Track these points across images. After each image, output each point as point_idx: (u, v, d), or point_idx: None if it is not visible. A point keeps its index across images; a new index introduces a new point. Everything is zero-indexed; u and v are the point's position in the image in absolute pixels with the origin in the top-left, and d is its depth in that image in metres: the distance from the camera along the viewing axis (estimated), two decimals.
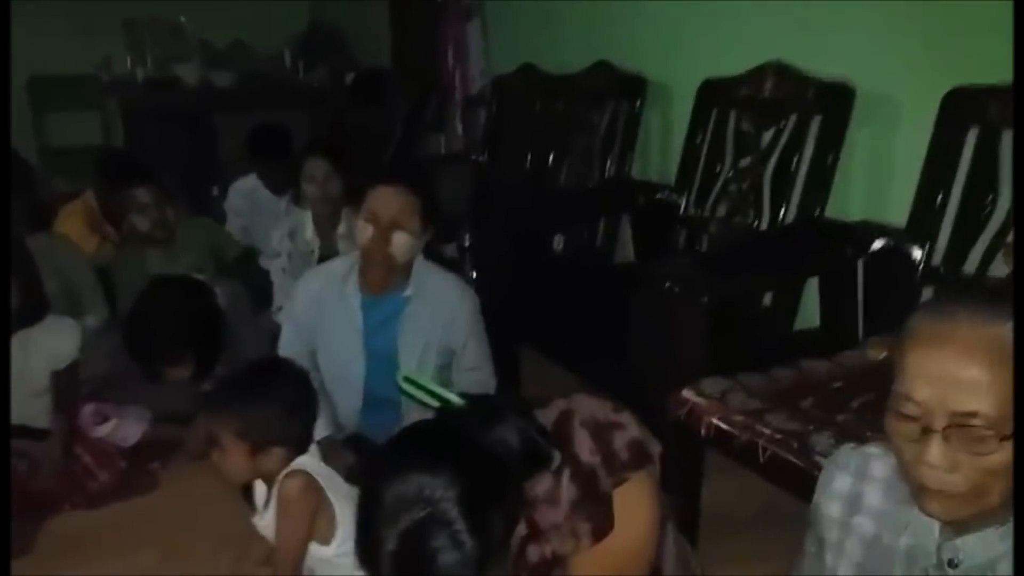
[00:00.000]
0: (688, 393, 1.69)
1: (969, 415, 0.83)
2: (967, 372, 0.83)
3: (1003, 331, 0.84)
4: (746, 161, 2.36)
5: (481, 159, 3.73)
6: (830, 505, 1.05)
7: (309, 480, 1.55)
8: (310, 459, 1.60)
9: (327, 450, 1.72)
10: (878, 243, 2.02)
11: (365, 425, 2.12)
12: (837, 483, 1.05)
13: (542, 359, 2.54)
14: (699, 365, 1.74)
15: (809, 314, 2.21)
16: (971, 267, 1.86)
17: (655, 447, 1.17)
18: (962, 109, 1.87)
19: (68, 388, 2.30)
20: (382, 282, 2.04)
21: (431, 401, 1.14)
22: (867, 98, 2.15)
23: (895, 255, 1.97)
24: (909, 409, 0.87)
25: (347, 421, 2.14)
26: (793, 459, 1.46)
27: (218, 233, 3.21)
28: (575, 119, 3.09)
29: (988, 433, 0.83)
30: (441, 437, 1.05)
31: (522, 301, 2.46)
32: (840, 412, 1.61)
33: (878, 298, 2.04)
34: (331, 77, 5.03)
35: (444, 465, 0.98)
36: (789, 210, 2.21)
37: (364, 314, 2.05)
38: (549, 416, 1.18)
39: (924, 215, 1.93)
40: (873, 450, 1.04)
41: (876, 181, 2.20)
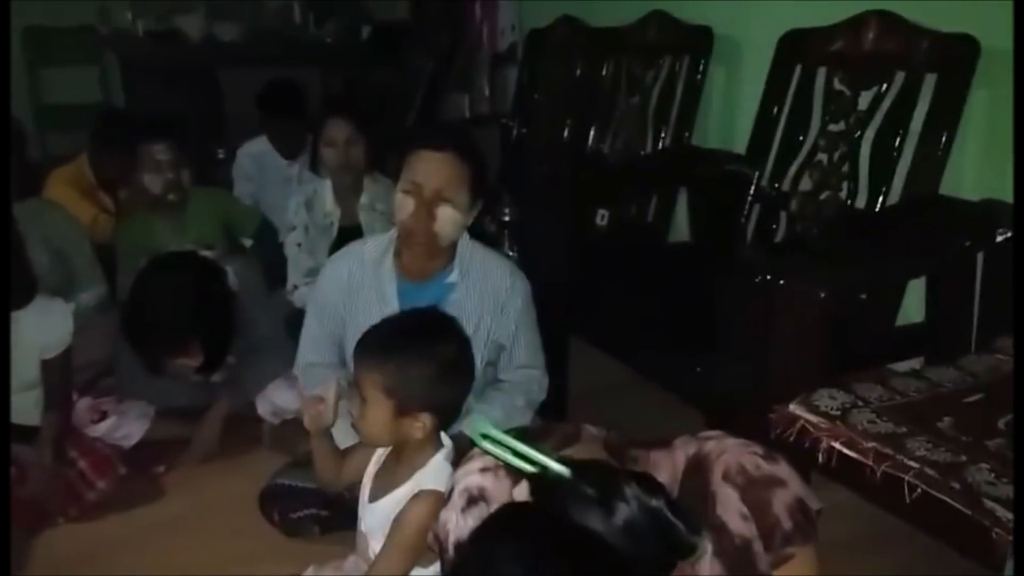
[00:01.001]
0: (798, 408, 1.40)
1: None
2: None
3: None
4: (838, 126, 2.04)
5: (512, 124, 3.40)
6: None
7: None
8: (444, 471, 1.36)
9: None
10: (1001, 232, 1.71)
11: None
12: None
13: (591, 350, 2.26)
14: (810, 374, 1.46)
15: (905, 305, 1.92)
16: None
17: (815, 504, 0.89)
18: None
19: (60, 380, 2.01)
20: (423, 265, 1.75)
21: (518, 463, 0.85)
22: (987, 55, 1.83)
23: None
24: None
25: None
26: (952, 502, 1.18)
27: (233, 204, 2.90)
28: (625, 79, 2.76)
29: None
30: (548, 530, 0.76)
31: (570, 285, 2.16)
32: (989, 435, 1.33)
33: (997, 291, 1.75)
34: (344, 31, 4.66)
35: (555, 570, 0.70)
36: (892, 186, 1.91)
37: (401, 302, 1.76)
38: (674, 463, 0.90)
39: None
40: None
41: (993, 154, 1.89)
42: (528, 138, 3.28)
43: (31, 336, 1.94)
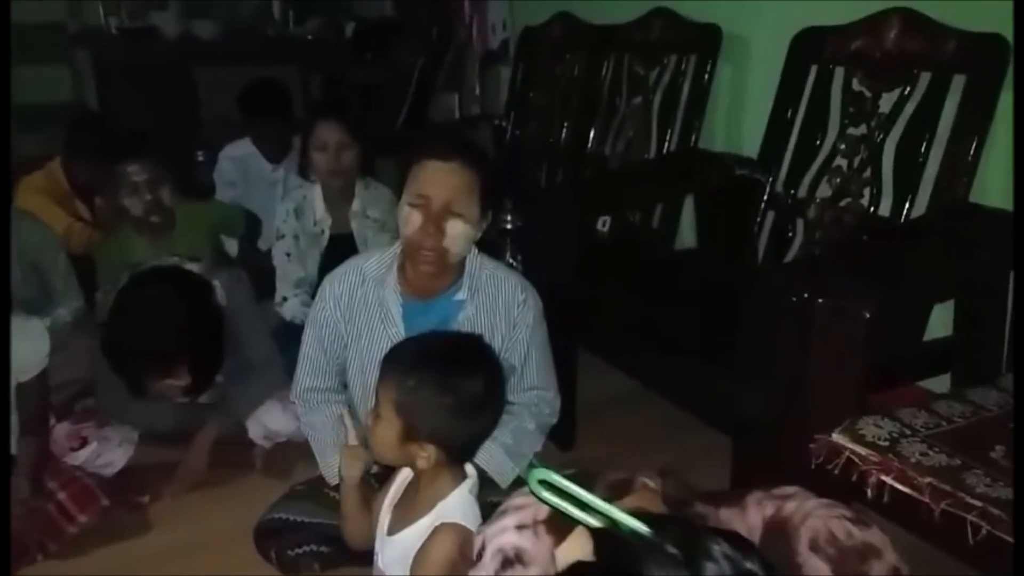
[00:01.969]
0: (842, 438, 1.31)
1: None
2: None
3: None
4: (859, 130, 1.95)
5: (505, 125, 3.29)
6: None
7: (468, 539, 1.22)
8: (468, 503, 1.28)
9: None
10: None
11: None
12: None
13: (594, 361, 2.16)
14: (849, 399, 1.36)
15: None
16: None
17: (906, 571, 0.79)
18: None
19: (37, 404, 1.87)
20: (430, 283, 1.63)
21: (582, 516, 0.75)
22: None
23: None
24: None
25: None
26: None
27: (219, 212, 2.77)
28: (626, 79, 2.66)
29: None
30: None
31: (577, 295, 2.06)
32: None
33: None
34: (326, 29, 4.52)
35: None
36: (919, 193, 1.82)
37: (406, 323, 1.64)
38: (748, 525, 0.79)
39: None
40: None
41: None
42: (523, 140, 3.17)
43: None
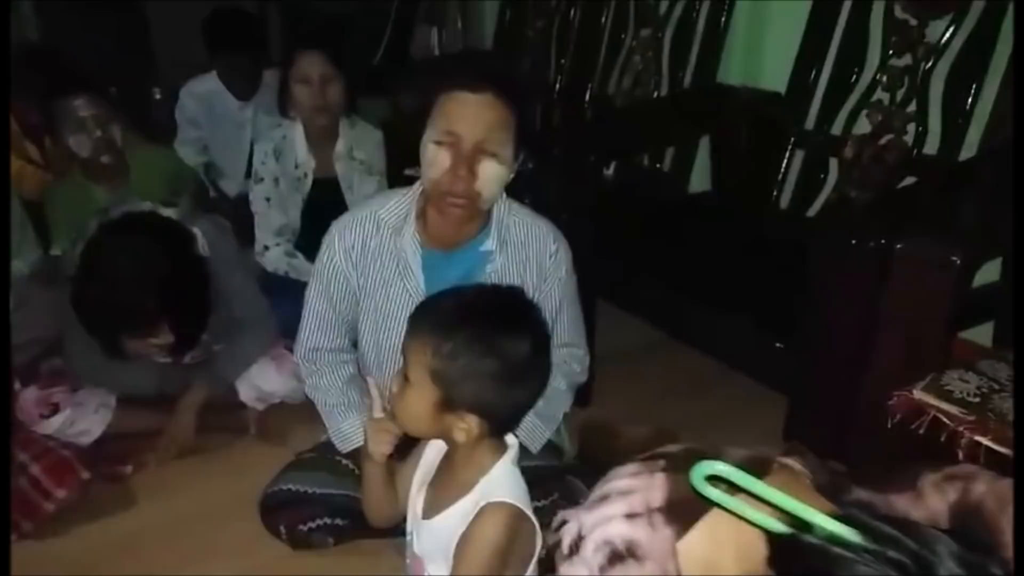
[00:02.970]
0: (926, 395, 1.20)
1: None
2: None
3: None
4: (903, 61, 1.81)
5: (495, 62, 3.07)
6: None
7: (519, 519, 1.10)
8: (514, 477, 1.13)
9: None
10: None
11: None
12: None
13: (611, 311, 2.03)
14: (930, 355, 1.25)
15: None
16: None
17: None
18: None
19: None
20: (455, 231, 1.45)
21: (761, 518, 0.60)
22: None
23: None
24: None
25: None
26: None
27: (178, 165, 2.53)
28: (634, 9, 2.47)
29: None
30: None
31: (595, 243, 1.90)
32: None
33: None
34: None
35: None
36: (968, 128, 1.70)
37: (427, 276, 1.47)
38: (931, 513, 0.66)
39: None
40: None
41: None
42: (515, 78, 2.96)
43: None
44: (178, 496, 1.72)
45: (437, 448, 1.22)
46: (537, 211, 2.04)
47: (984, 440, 1.13)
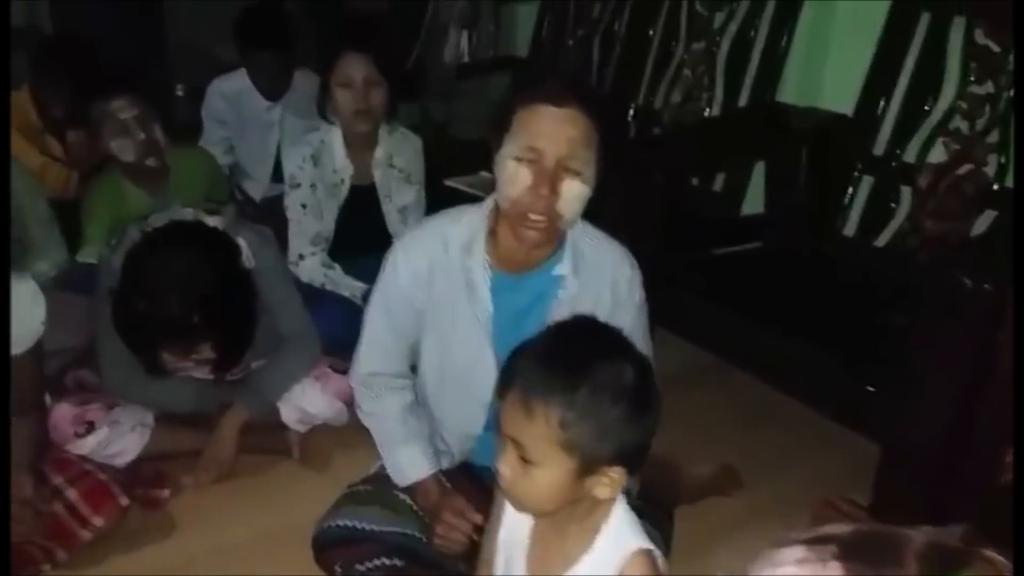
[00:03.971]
0: None
1: None
2: None
3: None
4: (984, 88, 1.75)
5: (528, 69, 3.00)
6: None
7: (662, 566, 1.01)
8: (632, 518, 1.03)
9: None
10: None
11: (481, 453, 1.49)
12: None
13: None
14: None
15: None
16: None
17: None
18: None
19: (31, 381, 1.57)
20: (527, 253, 1.37)
21: None
22: None
23: None
24: None
25: (457, 446, 1.51)
26: None
27: (216, 170, 2.45)
28: (685, 19, 2.39)
29: None
30: None
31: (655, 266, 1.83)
32: None
33: None
34: None
35: None
36: None
37: (496, 299, 1.39)
38: None
39: None
40: None
41: None
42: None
43: None
44: (220, 524, 1.63)
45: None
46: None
47: None
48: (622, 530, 1.01)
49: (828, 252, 1.89)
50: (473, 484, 1.47)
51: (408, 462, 1.46)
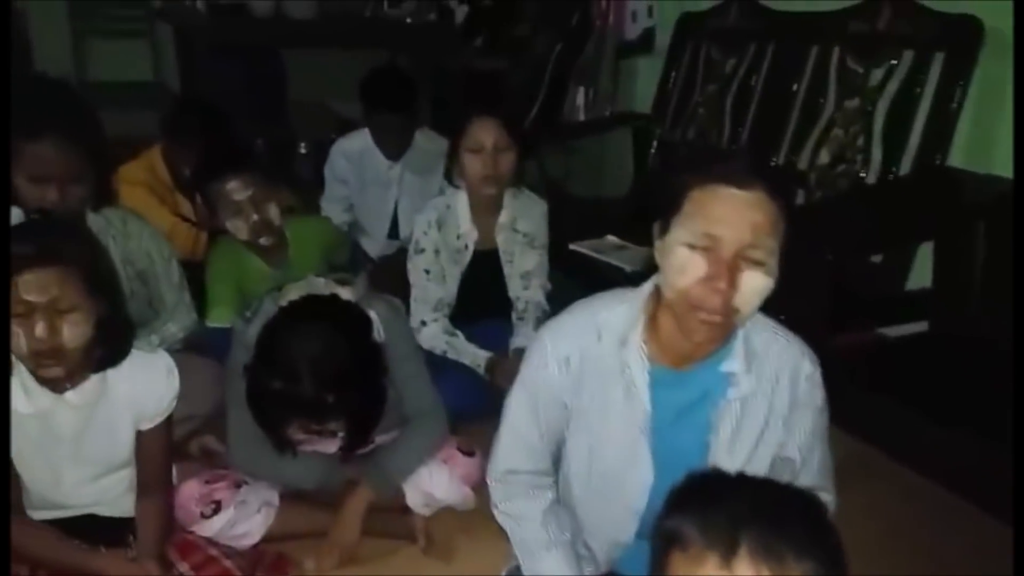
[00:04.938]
0: None
1: None
2: None
3: None
4: None
5: (654, 126, 2.88)
6: None
7: None
8: None
9: None
10: None
11: (630, 563, 1.34)
12: None
13: None
14: None
15: None
16: None
17: None
18: None
19: (161, 458, 1.52)
20: (694, 347, 1.23)
21: None
22: None
23: None
24: None
25: (602, 554, 1.36)
26: None
27: (332, 233, 2.45)
28: (835, 76, 2.23)
29: None
30: None
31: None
32: None
33: None
34: (434, 11, 4.14)
35: None
36: None
37: (655, 398, 1.25)
38: None
39: None
40: None
41: None
42: (679, 147, 2.75)
43: (125, 402, 1.46)
44: None
45: None
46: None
47: None
48: None
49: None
50: None
51: (551, 570, 1.32)
